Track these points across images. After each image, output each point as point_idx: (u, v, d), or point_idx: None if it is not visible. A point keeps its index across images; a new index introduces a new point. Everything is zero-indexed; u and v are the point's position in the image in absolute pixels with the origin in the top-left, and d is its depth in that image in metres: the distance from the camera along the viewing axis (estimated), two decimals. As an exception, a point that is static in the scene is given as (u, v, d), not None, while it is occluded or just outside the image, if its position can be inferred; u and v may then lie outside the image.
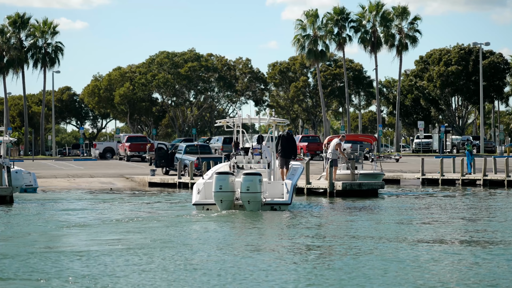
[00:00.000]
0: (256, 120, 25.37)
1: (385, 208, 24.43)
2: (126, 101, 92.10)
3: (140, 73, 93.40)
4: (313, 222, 19.91)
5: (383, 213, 22.43)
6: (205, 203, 23.14)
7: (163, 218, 21.17)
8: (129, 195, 33.24)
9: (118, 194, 34.44)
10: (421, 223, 19.30)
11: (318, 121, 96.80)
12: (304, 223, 19.71)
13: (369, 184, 30.41)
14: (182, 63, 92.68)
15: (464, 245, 14.98)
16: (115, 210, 24.26)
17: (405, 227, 18.10)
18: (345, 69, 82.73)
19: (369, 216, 21.14)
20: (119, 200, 29.37)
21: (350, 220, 20.24)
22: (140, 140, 63.55)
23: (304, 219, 20.81)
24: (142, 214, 22.60)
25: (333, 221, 20.20)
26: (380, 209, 23.77)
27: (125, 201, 29.10)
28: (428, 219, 20.51)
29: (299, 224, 19.46)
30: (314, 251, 14.35)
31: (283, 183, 23.55)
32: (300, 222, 19.97)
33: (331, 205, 26.36)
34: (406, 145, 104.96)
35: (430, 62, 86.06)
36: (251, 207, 22.38)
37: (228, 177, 22.49)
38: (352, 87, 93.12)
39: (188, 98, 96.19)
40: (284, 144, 25.43)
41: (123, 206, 26.34)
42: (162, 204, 26.99)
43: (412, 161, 58.06)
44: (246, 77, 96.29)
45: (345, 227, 18.49)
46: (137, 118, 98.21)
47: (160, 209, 24.67)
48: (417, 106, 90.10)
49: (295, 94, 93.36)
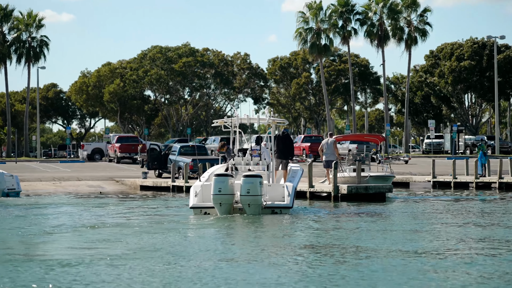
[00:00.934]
0: (255, 120, 25.37)
1: (393, 213, 24.32)
2: (116, 98, 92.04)
3: (131, 69, 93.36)
4: (315, 228, 19.81)
5: (391, 219, 22.31)
6: (203, 206, 23.34)
7: (157, 224, 21.05)
8: (119, 200, 33.14)
9: (108, 198, 34.34)
10: (432, 231, 19.15)
11: (321, 120, 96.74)
12: (306, 229, 19.62)
13: (376, 187, 30.36)
14: (176, 58, 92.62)
15: (481, 255, 14.80)
16: (104, 216, 24.13)
17: (415, 236, 17.94)
18: (350, 64, 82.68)
19: (376, 223, 21.01)
20: (109, 205, 29.26)
21: (356, 227, 20.11)
22: (131, 140, 63.50)
23: (306, 224, 20.73)
24: (134, 220, 22.49)
25: (337, 228, 20.07)
26: (388, 215, 23.66)
27: (115, 206, 28.99)
28: (440, 226, 20.37)
29: (301, 230, 19.38)
30: (317, 261, 14.20)
31: (283, 186, 23.78)
32: (302, 228, 19.88)
33: (336, 210, 26.26)
34: (415, 146, 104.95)
35: (441, 57, 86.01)
36: (251, 210, 22.61)
37: (227, 179, 22.70)
38: (358, 84, 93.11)
39: (182, 96, 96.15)
40: (279, 144, 25.64)
41: (113, 211, 26.21)
42: (155, 209, 26.90)
43: (422, 162, 57.98)
44: (245, 73, 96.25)
45: (351, 235, 18.35)
46: (128, 117, 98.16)
47: (153, 214, 24.58)
48: (428, 104, 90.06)
49: (297, 91, 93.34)
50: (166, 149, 47.93)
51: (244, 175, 22.73)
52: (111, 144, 63.89)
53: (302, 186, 31.89)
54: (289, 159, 25.94)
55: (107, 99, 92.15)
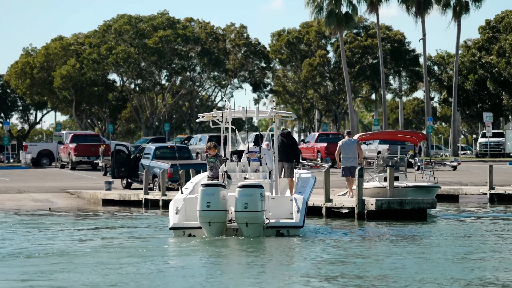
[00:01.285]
0: (253, 113, 25.21)
1: (436, 237, 24.30)
2: (71, 84, 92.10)
3: (91, 46, 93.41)
4: (333, 255, 19.78)
5: (434, 246, 22.28)
6: (187, 227, 23.39)
7: (123, 250, 21.05)
8: (74, 218, 33.12)
9: (59, 216, 34.32)
10: (489, 262, 19.11)
11: (341, 112, 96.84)
12: (321, 256, 19.59)
13: (414, 201, 30.37)
14: (150, 31, 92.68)
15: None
16: (53, 240, 24.13)
17: (467, 271, 17.90)
18: (380, 39, 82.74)
19: (414, 251, 21.01)
20: (61, 226, 29.24)
21: (386, 255, 20.12)
22: (90, 140, 63.45)
23: (321, 250, 20.70)
24: (91, 245, 22.47)
25: (361, 256, 20.08)
26: (429, 240, 23.63)
27: (69, 226, 28.97)
28: (500, 255, 20.32)
29: (315, 258, 19.35)
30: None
31: (291, 199, 23.78)
32: (316, 254, 19.85)
33: (360, 231, 26.24)
34: (467, 147, 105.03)
35: (501, 28, 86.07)
36: (249, 231, 22.65)
37: (218, 190, 22.75)
38: (390, 65, 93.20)
39: (158, 81, 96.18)
40: (279, 145, 25.70)
41: (65, 234, 26.20)
42: (122, 230, 26.91)
43: (475, 169, 57.99)
44: (241, 52, 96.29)
45: (380, 266, 18.36)
46: (87, 109, 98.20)
47: (119, 237, 24.56)
48: (483, 91, 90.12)
49: (310, 75, 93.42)
50: (136, 152, 47.86)
51: (240, 185, 22.70)
52: (63, 144, 63.83)
53: (316, 199, 31.82)
54: (294, 163, 25.96)
55: (59, 85, 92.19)
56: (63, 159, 63.72)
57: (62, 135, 67.81)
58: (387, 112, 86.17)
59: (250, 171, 24.33)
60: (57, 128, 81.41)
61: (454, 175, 53.06)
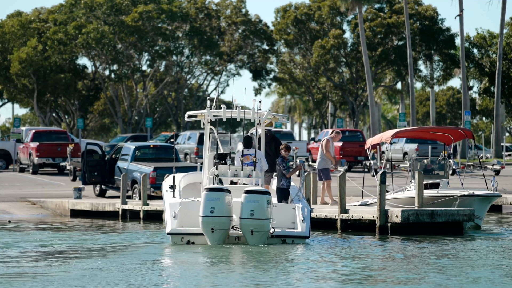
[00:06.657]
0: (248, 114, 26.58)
1: (475, 256, 24.38)
2: (31, 70, 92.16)
3: (56, 23, 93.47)
4: (347, 271, 19.97)
5: (473, 267, 22.37)
6: (187, 233, 25.33)
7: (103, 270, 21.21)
8: (36, 233, 33.18)
9: (18, 232, 34.36)
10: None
11: (360, 105, 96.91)
12: (318, 271, 19.78)
13: (448, 213, 30.40)
14: (128, 6, 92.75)
15: None
16: (9, 260, 24.23)
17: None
18: (407, 16, 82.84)
19: (444, 272, 21.14)
20: (19, 242, 29.32)
21: (411, 278, 20.29)
22: (55, 137, 63.59)
23: (331, 264, 20.90)
24: (55, 267, 22.57)
25: (386, 279, 20.23)
26: (467, 260, 23.71)
27: (29, 243, 29.03)
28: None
29: (312, 272, 19.58)
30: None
31: (293, 207, 25.85)
32: (325, 275, 20.04)
33: (378, 246, 26.41)
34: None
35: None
36: (254, 239, 24.74)
37: (223, 195, 24.68)
38: (420, 48, 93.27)
39: (138, 67, 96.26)
40: (266, 149, 27.76)
41: (25, 251, 26.31)
42: (99, 246, 27.03)
43: (522, 173, 58.21)
44: (238, 31, 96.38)
45: None
46: (51, 100, 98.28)
47: (96, 251, 24.68)
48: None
49: (322, 60, 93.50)
50: (112, 152, 47.97)
51: (247, 191, 24.64)
52: (23, 143, 63.96)
53: (328, 210, 32.08)
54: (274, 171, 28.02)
55: (17, 71, 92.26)
56: (22, 161, 63.83)
57: (21, 132, 67.92)
58: (415, 105, 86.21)
59: (242, 176, 25.99)
60: (15, 124, 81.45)
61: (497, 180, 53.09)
